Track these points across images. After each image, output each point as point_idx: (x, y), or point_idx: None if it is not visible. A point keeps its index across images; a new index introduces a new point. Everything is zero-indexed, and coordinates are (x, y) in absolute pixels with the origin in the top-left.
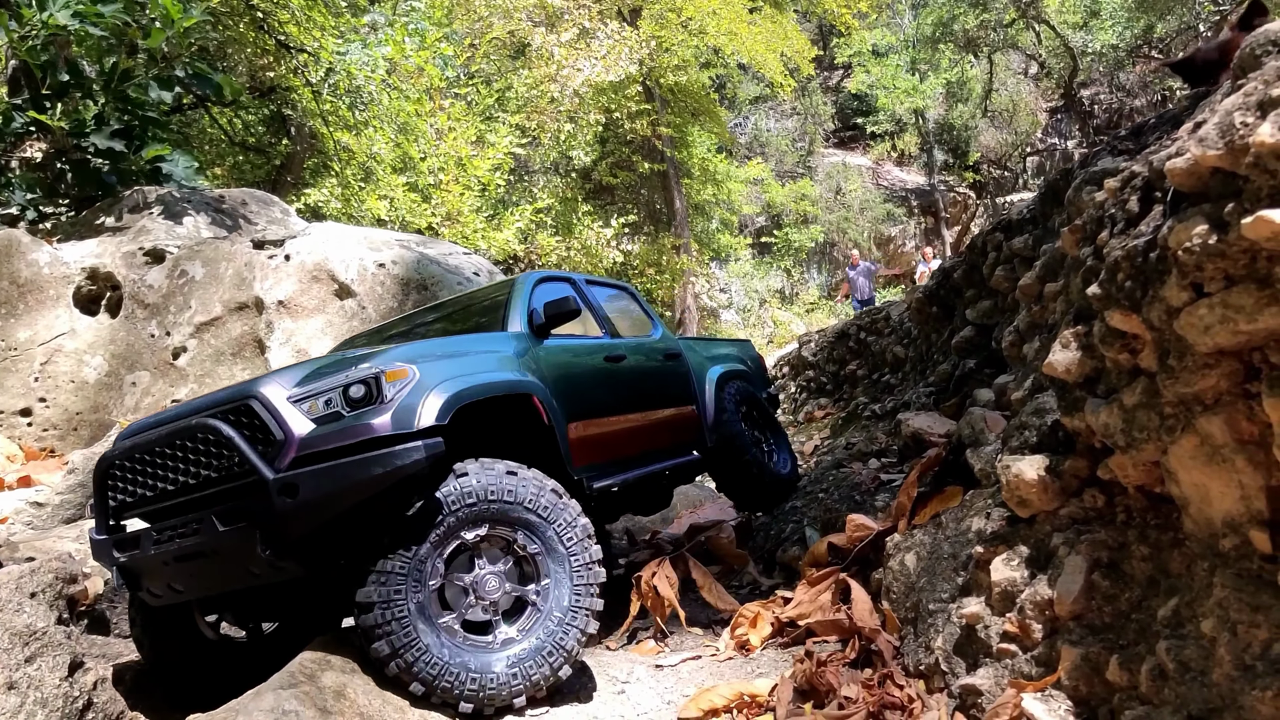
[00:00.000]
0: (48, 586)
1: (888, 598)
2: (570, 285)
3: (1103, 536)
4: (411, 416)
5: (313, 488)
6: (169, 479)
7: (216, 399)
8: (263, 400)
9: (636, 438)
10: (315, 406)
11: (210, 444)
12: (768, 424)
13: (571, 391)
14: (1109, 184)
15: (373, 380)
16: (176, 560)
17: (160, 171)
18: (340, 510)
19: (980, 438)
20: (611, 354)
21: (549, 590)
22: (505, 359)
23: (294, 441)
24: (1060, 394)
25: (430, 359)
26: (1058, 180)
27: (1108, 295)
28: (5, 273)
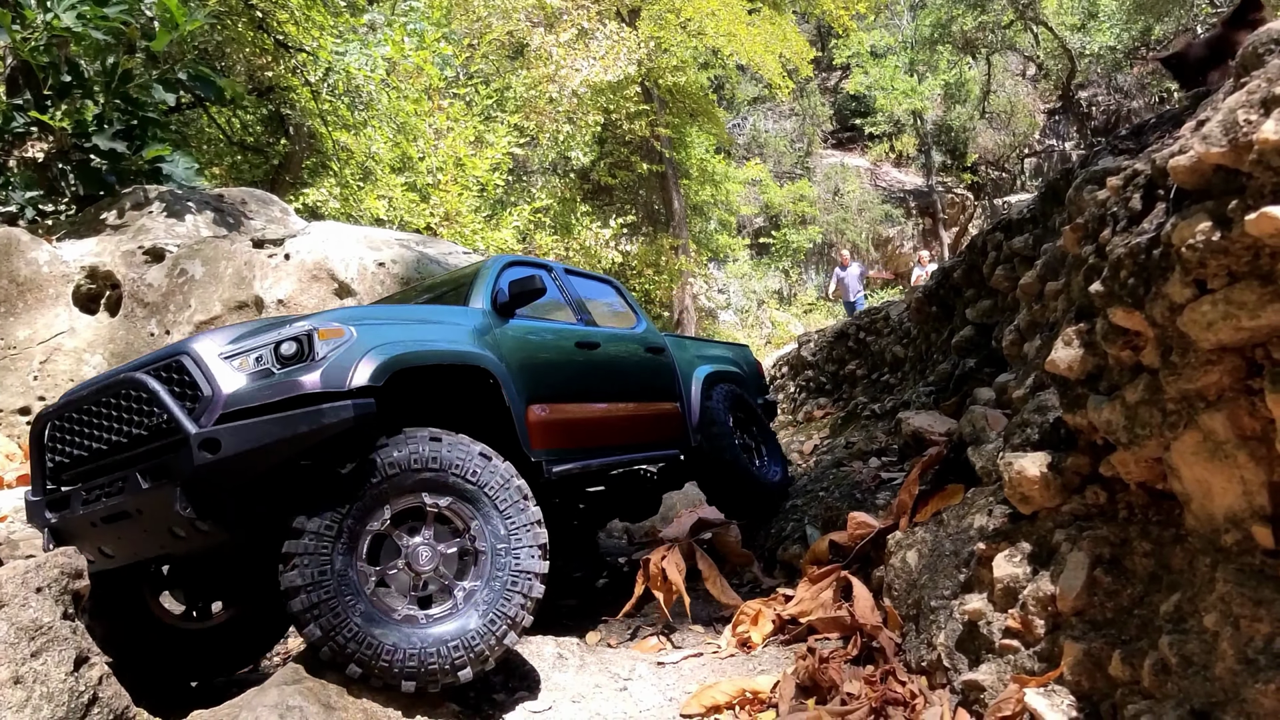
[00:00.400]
0: (53, 581)
1: (889, 595)
2: (546, 271)
3: (1105, 533)
4: (343, 376)
5: (234, 443)
6: (101, 438)
7: (152, 356)
8: (194, 356)
9: (608, 427)
10: (246, 363)
11: (139, 400)
12: (759, 431)
13: (534, 373)
14: (1111, 182)
15: (305, 337)
16: (104, 521)
17: (160, 172)
18: (264, 468)
19: (982, 435)
20: (584, 340)
21: (487, 558)
22: (460, 330)
23: (221, 398)
24: (1062, 391)
25: (372, 322)
26: (1058, 180)
27: (1110, 292)
28: (5, 271)
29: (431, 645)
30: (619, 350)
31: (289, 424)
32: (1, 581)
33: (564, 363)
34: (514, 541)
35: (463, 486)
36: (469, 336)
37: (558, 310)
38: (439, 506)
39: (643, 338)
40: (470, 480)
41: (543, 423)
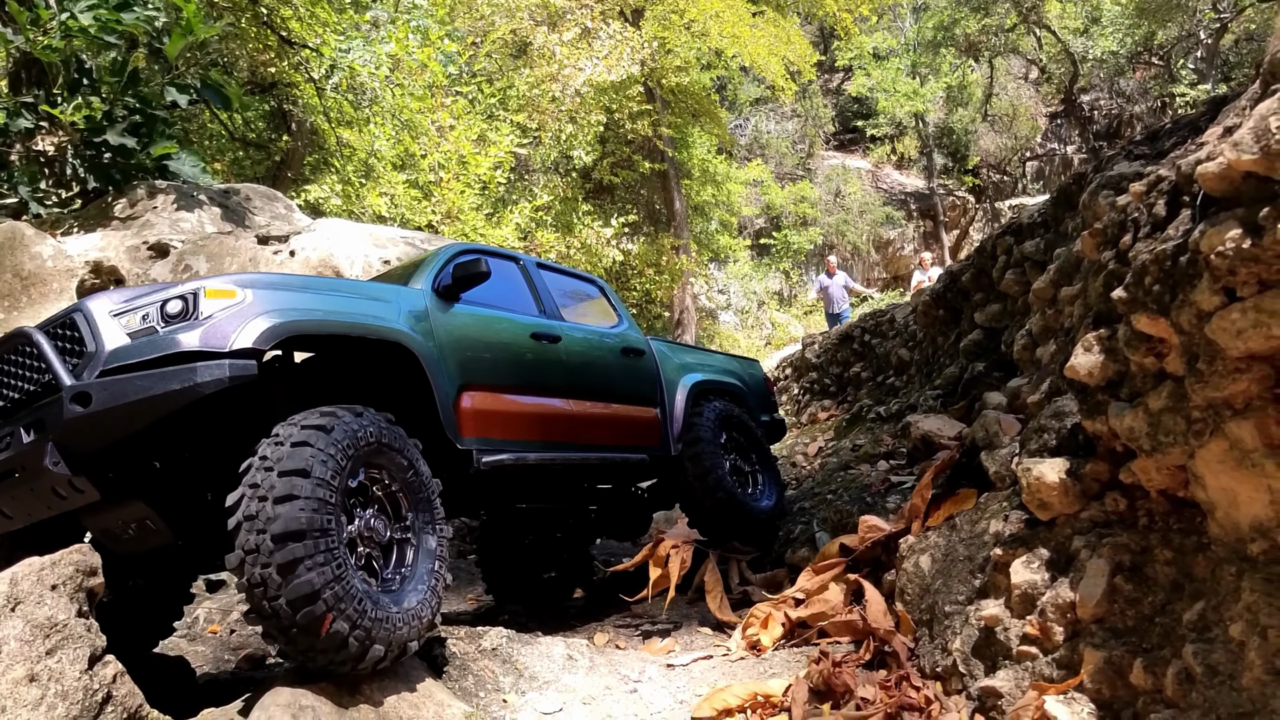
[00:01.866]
0: (68, 579)
1: (902, 599)
2: (512, 262)
3: (1124, 540)
4: (225, 337)
5: (105, 398)
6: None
7: (53, 315)
8: (85, 313)
9: (561, 423)
10: (133, 321)
11: (29, 356)
12: (756, 454)
13: (472, 358)
14: (1134, 188)
15: (190, 296)
16: None
17: (168, 169)
18: (138, 425)
19: (995, 440)
20: (541, 333)
21: (416, 514)
22: (385, 307)
23: (104, 354)
24: (1081, 397)
25: (275, 287)
26: (1070, 185)
27: (1134, 299)
28: (8, 265)
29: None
30: (585, 347)
31: (161, 380)
32: (18, 579)
33: (511, 352)
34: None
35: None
36: (395, 314)
37: (520, 302)
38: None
39: (620, 338)
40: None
41: (477, 410)
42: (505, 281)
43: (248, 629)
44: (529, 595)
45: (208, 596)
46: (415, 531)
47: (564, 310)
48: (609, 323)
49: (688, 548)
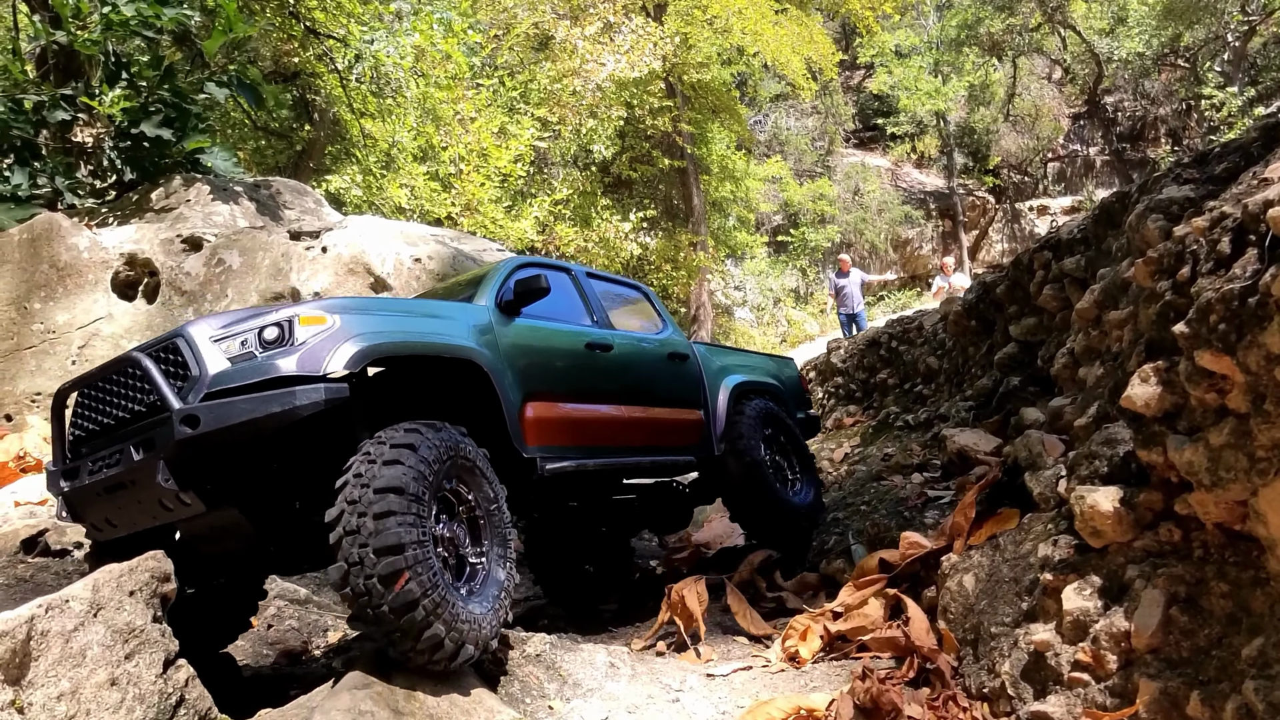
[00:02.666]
0: (144, 585)
1: (944, 618)
2: (565, 274)
3: (1179, 571)
4: (319, 361)
5: (212, 419)
6: (108, 413)
7: (156, 338)
8: (188, 339)
9: (615, 429)
10: (233, 346)
11: (137, 378)
12: (795, 451)
13: (535, 370)
14: (1196, 222)
15: (286, 323)
16: (106, 491)
17: (200, 162)
18: (239, 444)
19: (1038, 461)
20: (595, 342)
21: (492, 544)
22: (455, 325)
23: (207, 378)
24: (1136, 427)
25: (359, 312)
26: (1113, 203)
27: (1196, 334)
28: (45, 256)
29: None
30: (635, 354)
31: (263, 403)
32: (99, 585)
33: (569, 362)
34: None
35: (478, 479)
36: (464, 331)
37: (573, 312)
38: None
39: (665, 343)
40: (484, 474)
41: (540, 420)
42: (559, 292)
43: (284, 624)
44: (574, 587)
45: None
46: (488, 535)
47: (612, 317)
48: (654, 328)
49: (699, 583)
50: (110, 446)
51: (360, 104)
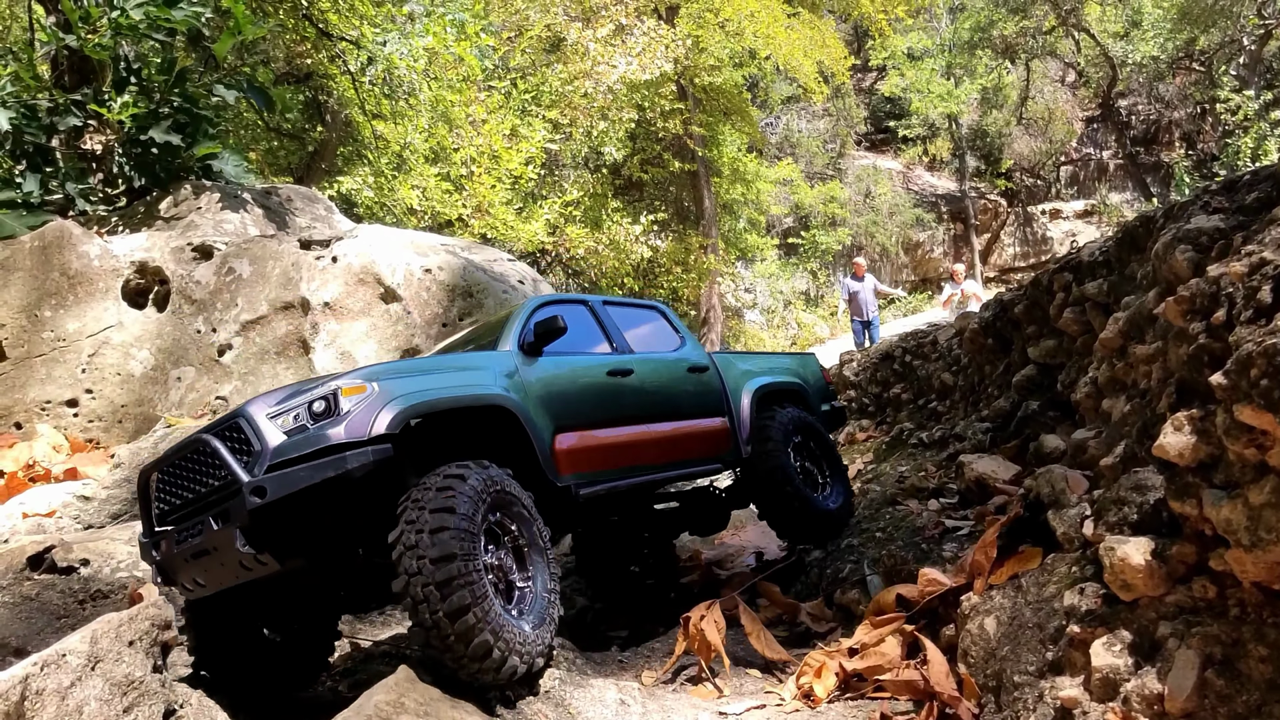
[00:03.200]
0: (144, 634)
1: (965, 661)
2: (583, 305)
3: (1215, 631)
4: (364, 427)
5: (277, 489)
6: (187, 488)
7: (218, 420)
8: (247, 418)
9: (641, 448)
10: (287, 421)
11: (209, 456)
12: (823, 454)
13: (561, 405)
14: (1235, 267)
15: (331, 397)
16: (193, 557)
17: (211, 169)
18: (303, 507)
19: (1061, 499)
20: (615, 369)
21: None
22: (483, 374)
23: (269, 451)
24: (1169, 476)
25: (393, 376)
26: (1137, 228)
27: (1235, 387)
28: (56, 264)
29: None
30: (655, 374)
31: (320, 470)
32: (97, 637)
33: (592, 392)
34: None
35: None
36: (492, 379)
37: (593, 342)
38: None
39: (684, 359)
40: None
41: (570, 450)
42: (578, 325)
43: None
44: (622, 590)
45: None
46: (533, 562)
47: (632, 339)
48: (672, 345)
49: (713, 609)
50: (192, 518)
51: (373, 106)
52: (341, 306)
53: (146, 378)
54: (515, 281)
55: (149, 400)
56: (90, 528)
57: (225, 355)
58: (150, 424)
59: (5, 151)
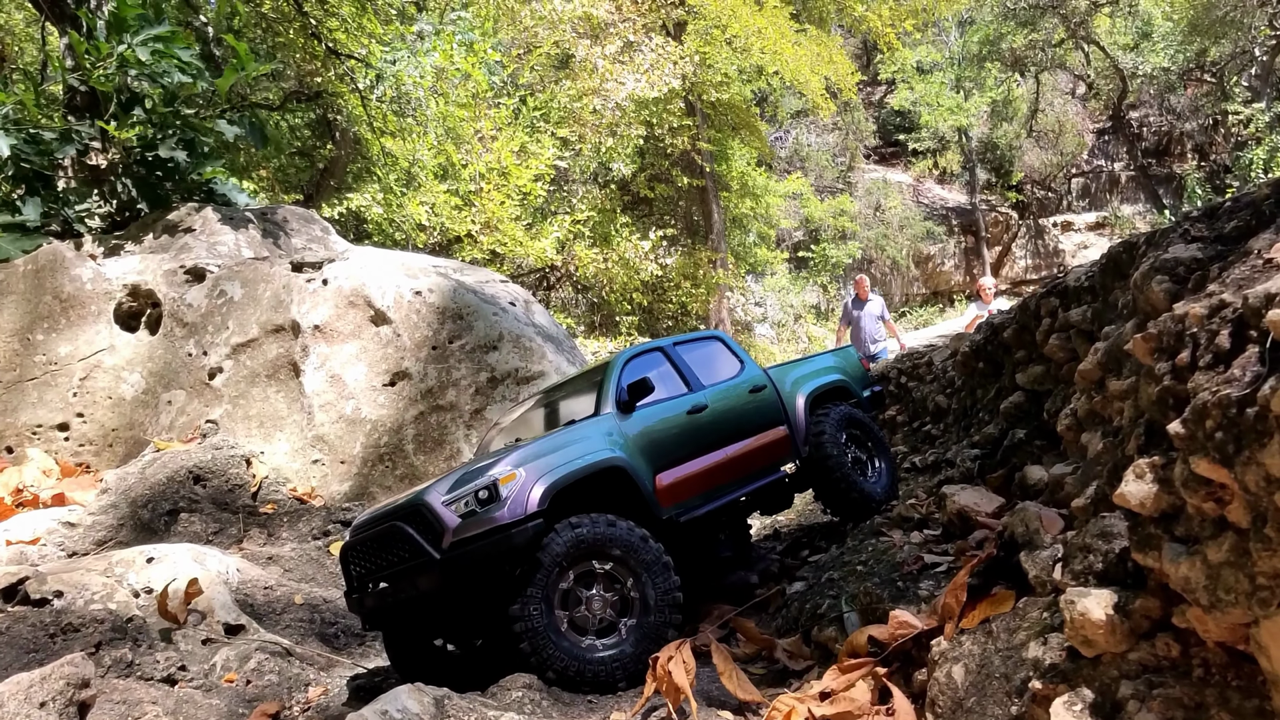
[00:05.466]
0: (58, 694)
1: (933, 710)
2: (660, 352)
3: (1177, 693)
4: (521, 508)
5: (464, 561)
6: (378, 560)
7: (400, 505)
8: (429, 505)
9: (721, 471)
10: (459, 506)
11: (403, 538)
12: (871, 441)
13: (656, 450)
14: (1194, 310)
15: (492, 486)
16: (395, 606)
17: (213, 192)
18: (483, 572)
19: (1035, 539)
20: (694, 407)
21: (638, 602)
22: (595, 441)
23: (449, 531)
24: (1132, 526)
25: (532, 459)
26: (1120, 252)
27: (1192, 437)
28: (49, 287)
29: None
30: (724, 403)
31: (494, 546)
32: (3, 700)
33: (679, 433)
34: (656, 588)
35: (617, 553)
36: (603, 444)
37: (672, 385)
38: (603, 568)
39: (746, 381)
40: (620, 548)
41: (669, 487)
42: (658, 370)
43: (264, 679)
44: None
45: (225, 642)
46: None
47: (701, 372)
48: (733, 369)
49: (682, 649)
50: (397, 579)
51: (381, 123)
52: (332, 329)
53: (137, 401)
54: (507, 303)
55: (139, 424)
56: (74, 555)
57: (216, 378)
58: (141, 447)
59: (5, 176)
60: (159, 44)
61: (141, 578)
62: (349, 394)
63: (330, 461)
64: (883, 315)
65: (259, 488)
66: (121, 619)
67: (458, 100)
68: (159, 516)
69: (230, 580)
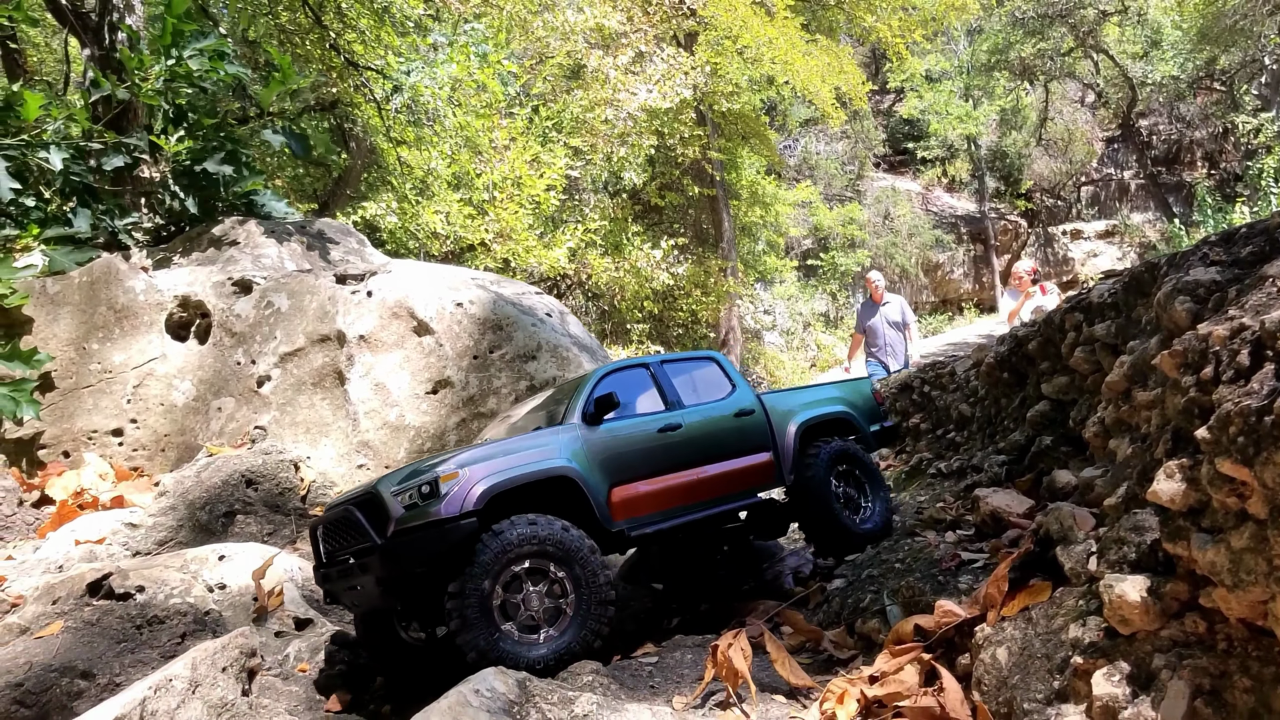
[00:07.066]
0: (234, 661)
1: (978, 689)
2: (644, 369)
3: (1204, 663)
4: (457, 506)
5: (402, 550)
6: (340, 541)
7: (359, 491)
8: (380, 494)
9: (684, 492)
10: (404, 498)
11: (353, 522)
12: (865, 477)
13: (616, 464)
14: (1217, 332)
15: (434, 482)
16: (349, 588)
17: (254, 204)
18: (419, 563)
19: (1069, 535)
20: (666, 426)
21: (573, 600)
22: (550, 449)
23: (393, 520)
24: (1163, 520)
25: (479, 461)
26: (1142, 273)
27: (1217, 441)
28: (104, 298)
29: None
30: (702, 424)
31: (429, 540)
32: (196, 663)
33: (645, 449)
34: (591, 586)
35: (554, 552)
36: (557, 452)
37: (649, 402)
38: (542, 568)
39: (731, 405)
40: (558, 547)
41: (624, 501)
42: (637, 387)
43: (334, 670)
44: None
45: (296, 635)
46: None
47: (686, 392)
48: (722, 391)
49: (740, 636)
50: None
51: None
52: (376, 339)
53: (188, 408)
54: (543, 314)
55: (190, 430)
56: (138, 554)
57: (264, 386)
58: (192, 453)
59: (55, 190)
60: (207, 56)
61: (215, 574)
62: (393, 401)
63: (375, 466)
64: (904, 320)
65: (307, 491)
66: (200, 612)
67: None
68: (216, 518)
69: (295, 577)
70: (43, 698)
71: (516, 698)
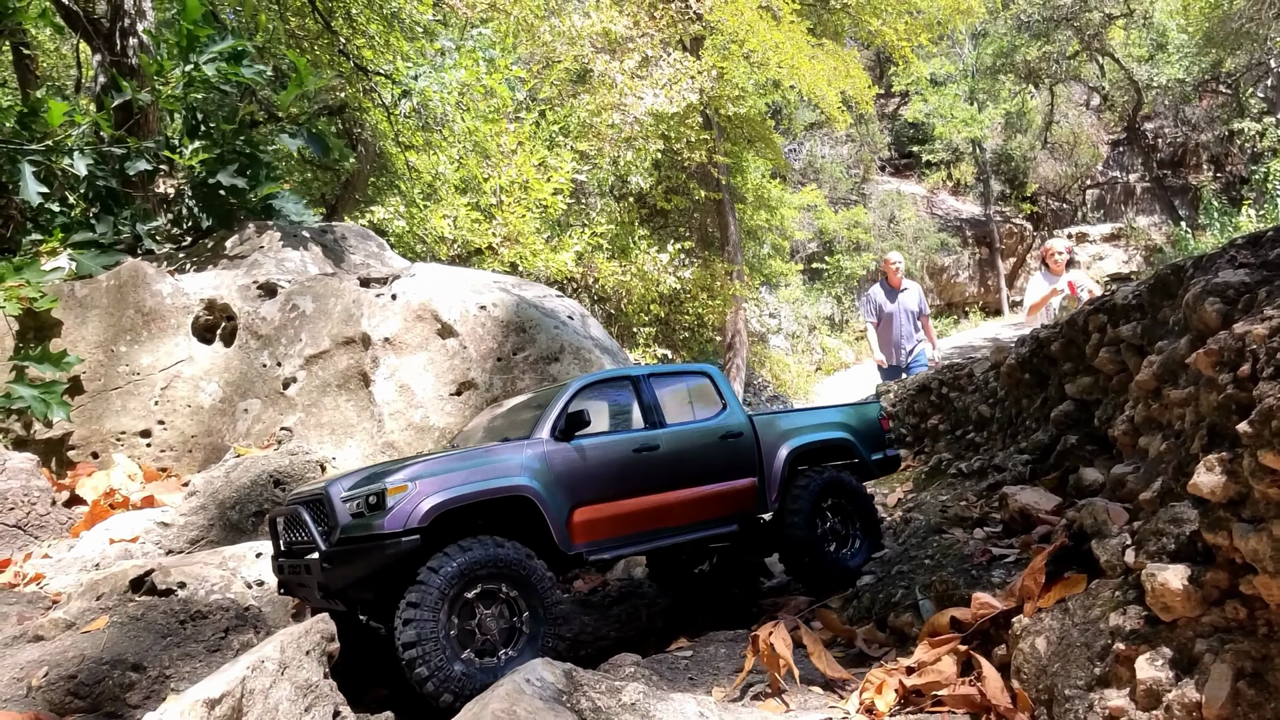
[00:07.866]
0: (317, 645)
1: (1017, 677)
2: (629, 381)
3: (1245, 647)
4: (403, 521)
5: (341, 560)
6: (292, 535)
7: (311, 490)
8: (329, 496)
9: (653, 516)
10: (353, 506)
11: (300, 520)
12: (856, 511)
13: (582, 484)
14: (1257, 330)
15: (380, 494)
16: (297, 584)
17: (273, 209)
18: (358, 575)
19: (1104, 529)
20: (642, 446)
21: (529, 619)
22: (509, 465)
23: (339, 528)
24: (1203, 511)
25: (431, 474)
26: (1168, 275)
27: (1259, 435)
28: (132, 301)
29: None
30: (683, 445)
31: (369, 553)
32: (284, 646)
33: (615, 470)
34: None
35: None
36: (516, 469)
37: (628, 420)
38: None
39: (718, 425)
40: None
41: (585, 523)
42: (619, 400)
43: None
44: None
45: None
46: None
47: (670, 408)
48: (711, 410)
49: (779, 626)
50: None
51: (406, 138)
52: (400, 342)
53: (215, 409)
54: (565, 317)
55: (217, 431)
56: (171, 552)
57: (290, 388)
58: (219, 453)
59: (80, 195)
60: (224, 59)
61: (253, 571)
62: (418, 403)
63: None
64: (921, 310)
65: None
66: (240, 607)
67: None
68: (246, 517)
69: None
70: (96, 689)
71: (565, 686)
